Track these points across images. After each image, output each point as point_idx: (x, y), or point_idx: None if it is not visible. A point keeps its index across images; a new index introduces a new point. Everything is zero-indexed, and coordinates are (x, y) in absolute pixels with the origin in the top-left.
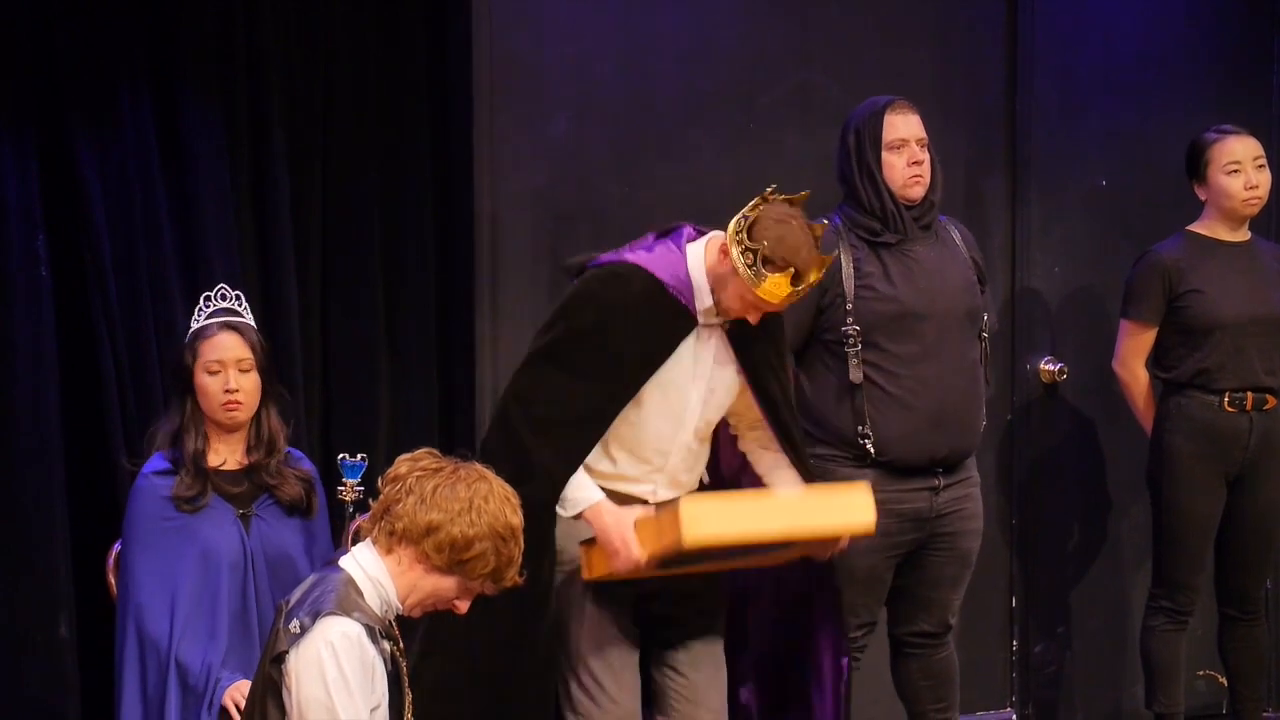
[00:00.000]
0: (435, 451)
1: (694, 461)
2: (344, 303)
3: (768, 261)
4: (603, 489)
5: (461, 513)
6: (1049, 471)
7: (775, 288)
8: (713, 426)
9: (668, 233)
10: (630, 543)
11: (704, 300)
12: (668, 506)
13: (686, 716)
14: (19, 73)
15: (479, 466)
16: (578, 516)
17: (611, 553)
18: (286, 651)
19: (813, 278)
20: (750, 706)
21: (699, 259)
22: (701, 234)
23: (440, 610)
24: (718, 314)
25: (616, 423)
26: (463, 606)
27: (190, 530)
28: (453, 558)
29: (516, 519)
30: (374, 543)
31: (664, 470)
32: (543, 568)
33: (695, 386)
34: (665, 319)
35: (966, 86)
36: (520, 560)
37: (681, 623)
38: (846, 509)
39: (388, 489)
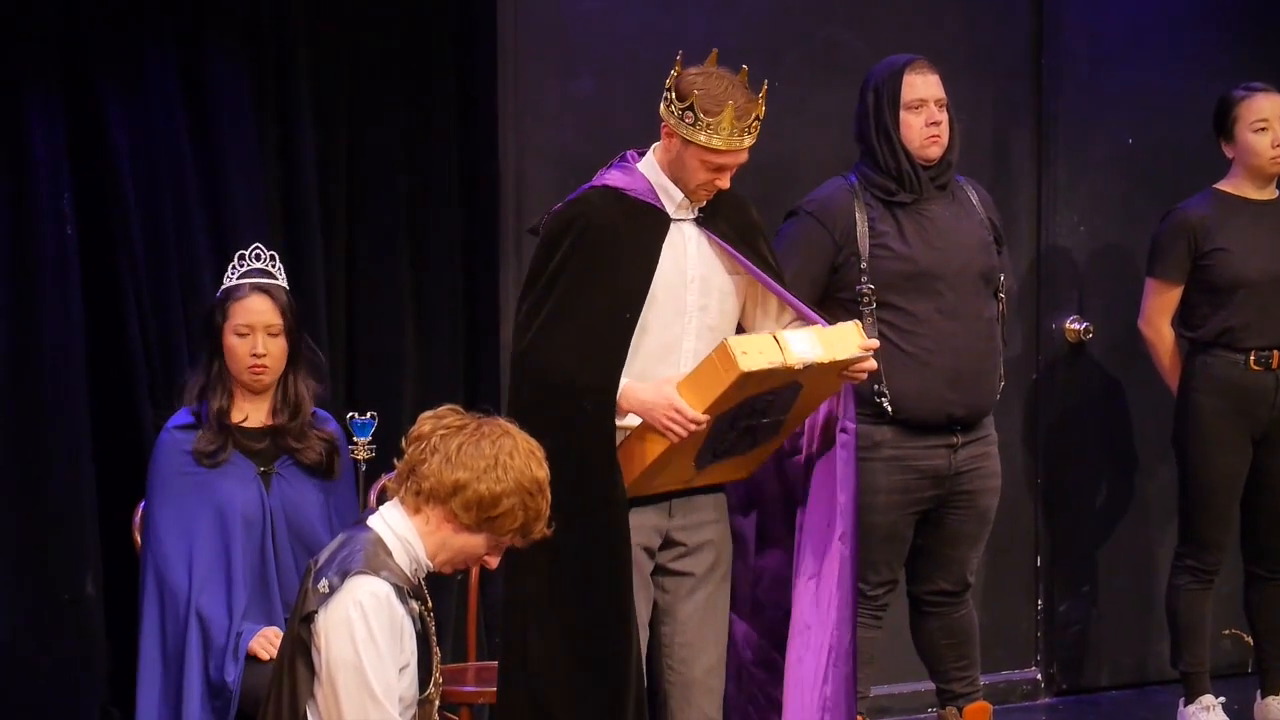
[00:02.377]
0: (458, 408)
1: None
2: (368, 260)
3: (706, 110)
4: (624, 428)
5: (487, 470)
6: (1074, 430)
7: (724, 129)
8: (718, 335)
9: (612, 165)
10: (681, 404)
11: (670, 196)
12: (706, 357)
13: (681, 671)
14: (46, 31)
15: (502, 421)
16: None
17: (664, 426)
18: (315, 611)
19: (757, 110)
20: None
21: (650, 163)
22: (644, 153)
23: (472, 566)
24: (691, 199)
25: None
26: (493, 562)
27: (209, 485)
28: (480, 515)
29: (542, 472)
30: (401, 502)
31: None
32: (615, 499)
33: (690, 289)
34: (636, 221)
35: (993, 43)
36: (548, 513)
37: (690, 574)
38: (848, 339)
39: (412, 448)
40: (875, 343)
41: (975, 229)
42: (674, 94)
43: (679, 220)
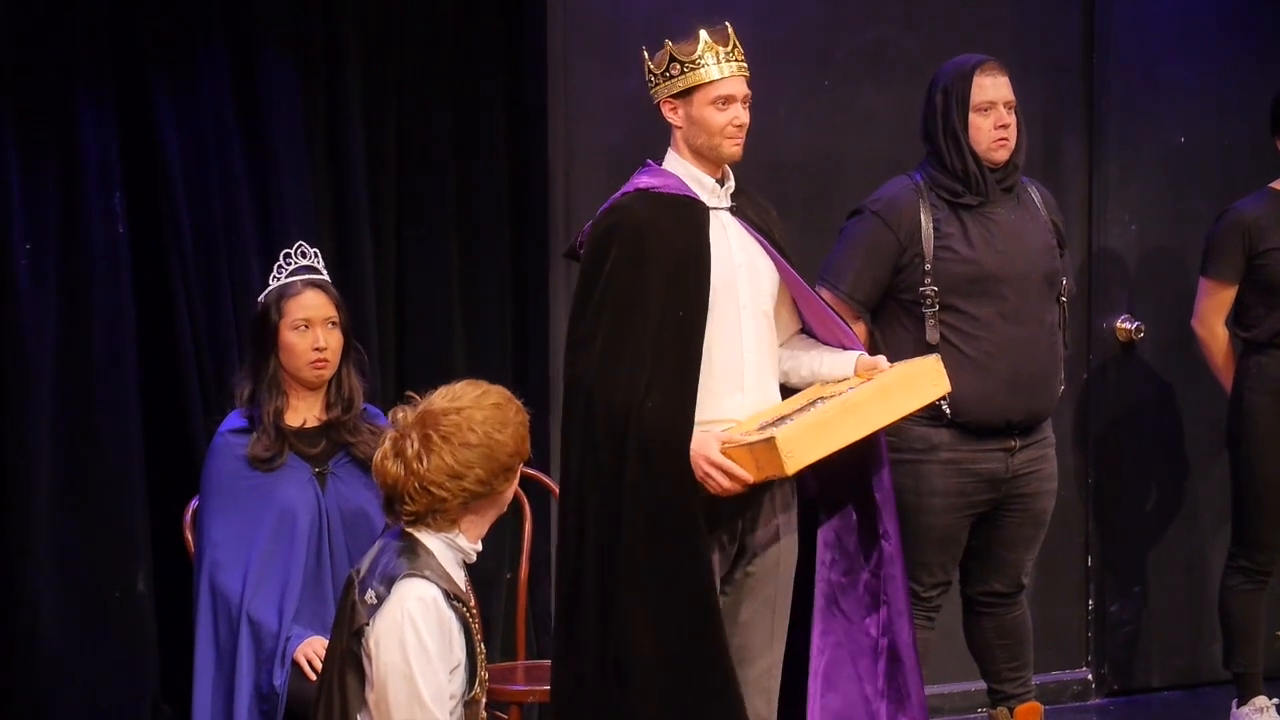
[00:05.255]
0: (397, 420)
1: (767, 359)
2: (418, 259)
3: (685, 52)
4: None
5: (489, 448)
6: (1126, 430)
7: (709, 58)
8: (770, 320)
9: (636, 174)
10: (725, 466)
11: (703, 185)
12: (760, 441)
13: (737, 672)
14: (98, 30)
15: (439, 402)
16: None
17: (701, 477)
18: (366, 624)
19: (732, 38)
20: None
21: (672, 159)
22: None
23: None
24: (723, 155)
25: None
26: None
27: (267, 489)
28: (508, 471)
29: (497, 393)
30: (436, 529)
31: (743, 372)
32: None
33: (739, 274)
34: (677, 215)
35: (1044, 41)
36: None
37: (751, 574)
38: (925, 384)
39: (416, 504)
40: (946, 389)
41: (1040, 232)
42: (652, 67)
43: (715, 209)
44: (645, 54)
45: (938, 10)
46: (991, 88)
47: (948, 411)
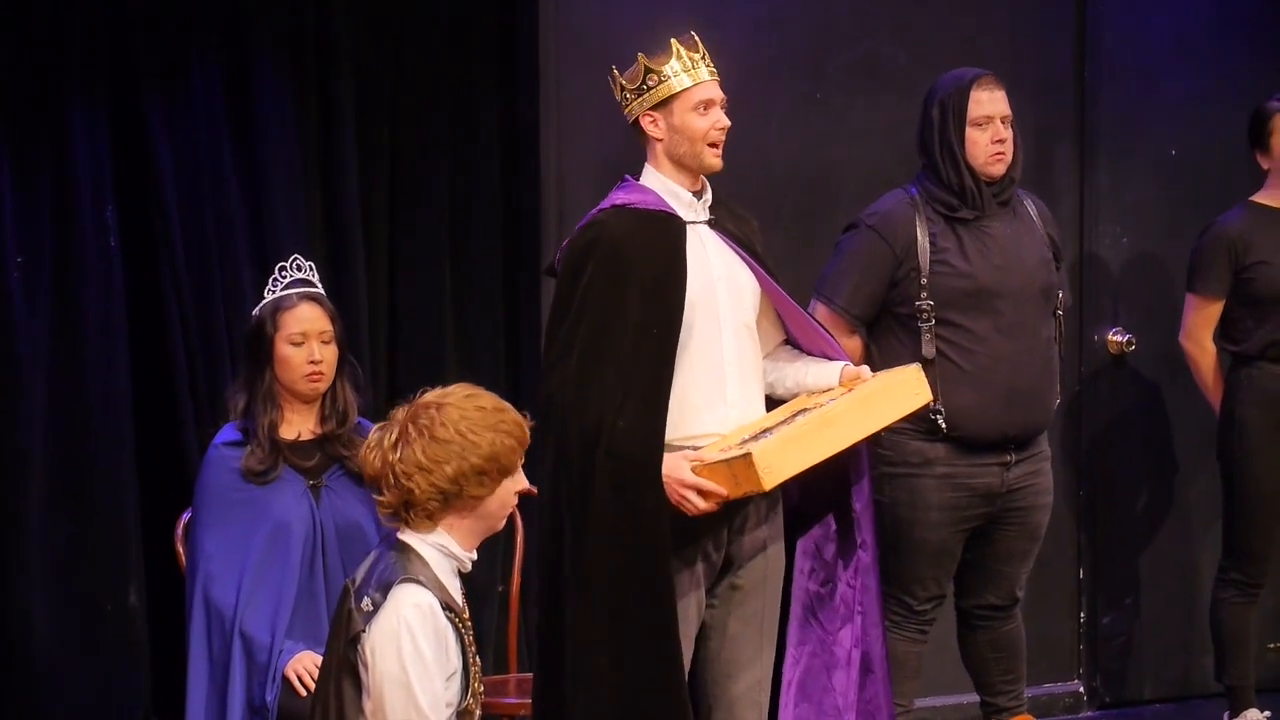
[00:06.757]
0: (380, 425)
1: (750, 372)
2: (410, 271)
3: (657, 62)
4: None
5: (463, 445)
6: (1117, 442)
7: (680, 66)
8: (753, 332)
9: (613, 190)
10: (699, 485)
11: (680, 199)
12: (738, 457)
13: (725, 685)
14: (91, 42)
15: (420, 401)
16: None
17: (677, 500)
18: (362, 631)
19: (700, 45)
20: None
21: (649, 174)
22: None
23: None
24: (707, 164)
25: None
26: (524, 482)
27: (261, 502)
28: (493, 474)
29: (488, 399)
30: (417, 529)
31: (725, 386)
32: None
33: (719, 288)
34: (654, 230)
35: (1035, 53)
36: (515, 412)
37: (739, 588)
38: (906, 394)
39: (389, 495)
40: (928, 399)
41: (1036, 246)
42: (625, 83)
43: (693, 223)
44: (615, 72)
45: (930, 23)
46: (988, 102)
47: (943, 426)
